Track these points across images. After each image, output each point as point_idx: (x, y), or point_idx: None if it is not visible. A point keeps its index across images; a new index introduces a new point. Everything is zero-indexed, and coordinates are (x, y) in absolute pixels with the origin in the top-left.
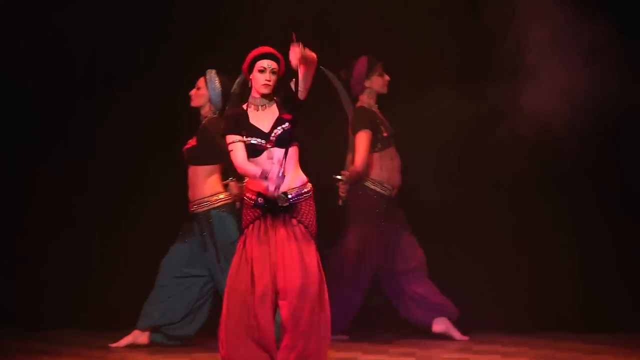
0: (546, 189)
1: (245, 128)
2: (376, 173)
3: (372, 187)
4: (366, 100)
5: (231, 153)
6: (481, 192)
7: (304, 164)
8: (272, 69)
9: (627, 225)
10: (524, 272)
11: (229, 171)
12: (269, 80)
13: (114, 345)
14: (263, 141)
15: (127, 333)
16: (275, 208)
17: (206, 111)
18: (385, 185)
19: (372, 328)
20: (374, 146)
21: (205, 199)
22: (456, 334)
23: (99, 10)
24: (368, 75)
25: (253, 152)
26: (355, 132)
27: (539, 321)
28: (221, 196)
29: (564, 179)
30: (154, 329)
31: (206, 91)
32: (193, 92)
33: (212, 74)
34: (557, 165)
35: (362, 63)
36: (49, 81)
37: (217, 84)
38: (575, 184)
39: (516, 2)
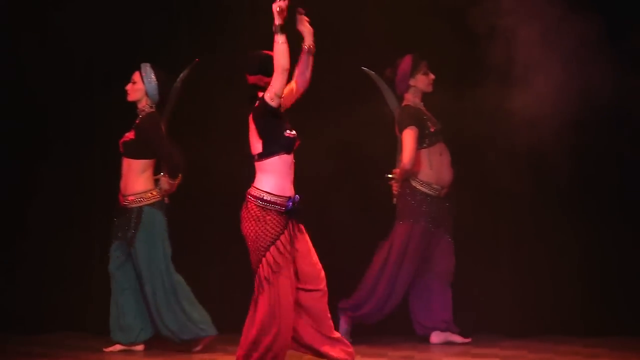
0: (546, 193)
1: None
2: (425, 171)
3: (420, 187)
4: (411, 98)
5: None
6: (482, 195)
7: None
8: None
9: (627, 230)
10: (523, 275)
11: (160, 166)
12: None
13: (109, 349)
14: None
15: None
16: (299, 211)
17: (143, 105)
18: (434, 185)
19: (372, 331)
20: (421, 143)
21: (139, 195)
22: (457, 338)
23: (99, 10)
24: (412, 73)
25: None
26: (401, 130)
27: (538, 324)
28: (154, 193)
29: (563, 183)
30: None
31: (142, 85)
32: (129, 86)
33: (147, 68)
34: (556, 170)
35: (406, 62)
36: (48, 81)
37: (153, 77)
38: (575, 189)
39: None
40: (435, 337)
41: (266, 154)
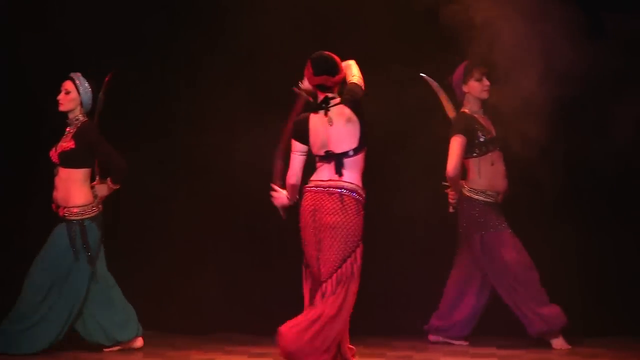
0: (544, 194)
1: None
2: (474, 179)
3: (475, 196)
4: (468, 105)
5: None
6: None
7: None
8: None
9: (625, 231)
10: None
11: (99, 173)
12: None
13: (108, 349)
14: None
15: None
16: None
17: (76, 114)
18: (489, 192)
19: (369, 330)
20: (470, 152)
21: (83, 207)
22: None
23: (99, 10)
24: (465, 80)
25: None
26: (449, 138)
27: None
28: (94, 205)
29: (560, 184)
30: None
31: (77, 94)
32: (62, 96)
33: (80, 77)
34: (554, 170)
35: (460, 68)
36: (49, 81)
37: (87, 86)
38: (572, 189)
39: None
40: (433, 336)
41: (361, 148)
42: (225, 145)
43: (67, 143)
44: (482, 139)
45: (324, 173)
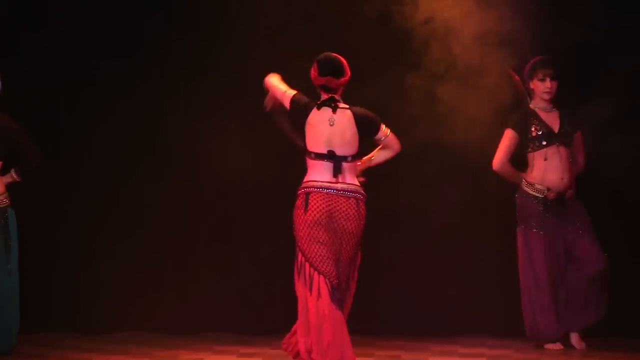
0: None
1: None
2: (528, 173)
3: (525, 188)
4: (534, 101)
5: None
6: (468, 195)
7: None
8: None
9: (617, 229)
10: (510, 275)
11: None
12: None
13: None
14: None
15: (114, 336)
16: None
17: None
18: (537, 186)
19: (358, 330)
20: (525, 146)
21: (3, 195)
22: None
23: (99, 12)
24: (530, 77)
25: None
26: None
27: (524, 325)
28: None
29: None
30: None
31: None
32: None
33: None
34: None
35: (528, 65)
36: (49, 81)
37: None
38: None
39: None
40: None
41: (358, 155)
42: (216, 146)
43: None
44: (535, 134)
45: (325, 174)
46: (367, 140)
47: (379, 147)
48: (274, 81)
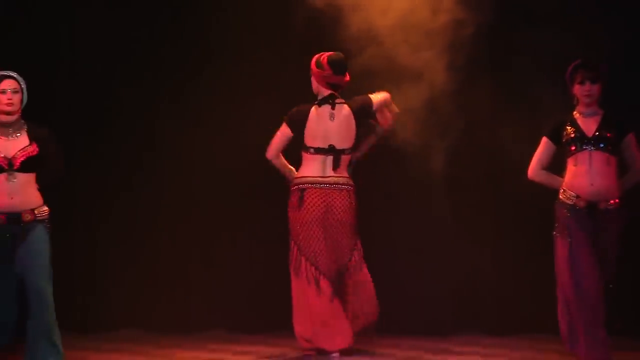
0: (528, 192)
1: None
2: (564, 180)
3: (560, 195)
4: (578, 107)
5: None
6: (464, 194)
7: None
8: None
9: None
10: (505, 275)
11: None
12: None
13: None
14: None
15: (109, 335)
16: None
17: (19, 116)
18: (568, 192)
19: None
20: (562, 152)
21: (40, 208)
22: None
23: (101, 14)
24: (571, 81)
25: None
26: None
27: (519, 323)
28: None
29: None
30: None
31: (22, 94)
32: (14, 97)
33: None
34: None
35: (569, 68)
36: (49, 83)
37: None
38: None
39: None
40: None
41: (354, 148)
42: (213, 145)
43: (29, 148)
44: (566, 139)
45: (320, 168)
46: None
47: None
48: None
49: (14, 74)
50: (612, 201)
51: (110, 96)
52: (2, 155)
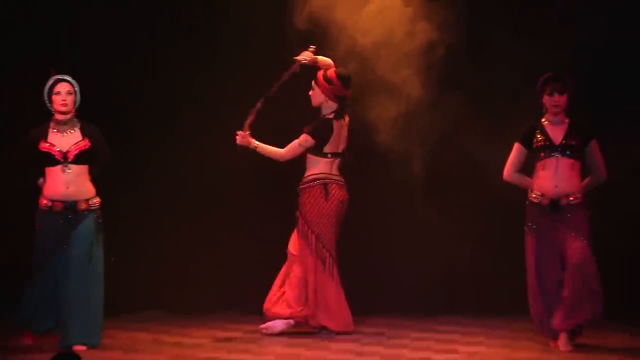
0: (497, 190)
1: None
2: (532, 182)
3: (529, 195)
4: (546, 115)
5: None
6: (443, 195)
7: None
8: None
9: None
10: (484, 264)
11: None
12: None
13: None
14: None
15: (135, 315)
16: None
17: (73, 115)
18: (535, 193)
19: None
20: (532, 156)
21: (94, 199)
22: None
23: (103, 17)
24: (540, 92)
25: None
26: None
27: (496, 306)
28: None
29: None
30: None
31: (75, 95)
32: (69, 98)
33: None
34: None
35: (538, 81)
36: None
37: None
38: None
39: None
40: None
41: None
42: (222, 142)
43: (82, 142)
44: (536, 146)
45: (332, 168)
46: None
47: None
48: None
49: (69, 78)
50: (572, 197)
51: (132, 96)
52: (58, 149)
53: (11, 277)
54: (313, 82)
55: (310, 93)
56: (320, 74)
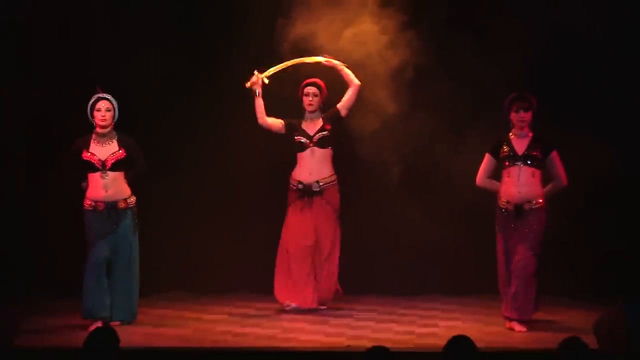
0: (464, 189)
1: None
2: (500, 188)
3: (497, 199)
4: (513, 130)
5: None
6: (422, 195)
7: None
8: (314, 92)
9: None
10: (461, 250)
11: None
12: (312, 102)
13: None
14: (307, 140)
15: (161, 295)
16: (309, 191)
17: (111, 128)
18: (503, 199)
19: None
20: (499, 166)
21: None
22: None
23: (108, 21)
24: (508, 110)
25: (299, 148)
26: None
27: (472, 286)
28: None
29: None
30: None
31: (114, 112)
32: (104, 114)
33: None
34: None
35: (506, 100)
36: (53, 89)
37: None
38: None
39: None
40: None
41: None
42: (240, 142)
43: (118, 152)
44: (502, 156)
45: None
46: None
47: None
48: None
49: (109, 96)
50: (534, 201)
51: (163, 101)
52: (98, 157)
53: (69, 268)
54: (316, 89)
55: (313, 99)
56: (322, 85)
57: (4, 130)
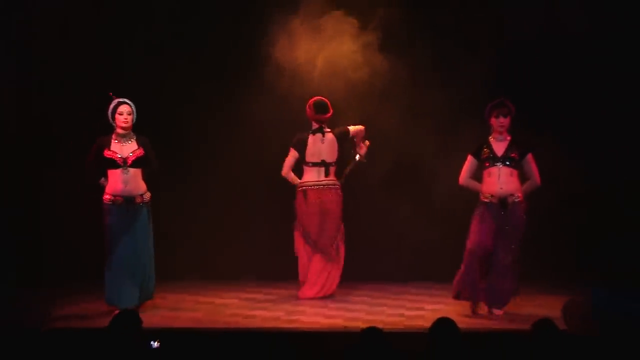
0: (449, 188)
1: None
2: (482, 184)
3: (481, 197)
4: (493, 134)
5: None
6: (413, 183)
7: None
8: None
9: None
10: (448, 242)
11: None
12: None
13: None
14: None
15: (177, 282)
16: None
17: (131, 129)
18: (485, 194)
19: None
20: (480, 166)
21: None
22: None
23: (109, 22)
24: (489, 115)
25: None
26: None
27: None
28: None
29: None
30: None
31: (133, 115)
32: (126, 117)
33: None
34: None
35: (487, 107)
36: (55, 91)
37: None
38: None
39: None
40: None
41: (337, 161)
42: (252, 143)
43: (137, 150)
44: (483, 157)
45: (315, 174)
46: (347, 143)
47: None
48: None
49: (129, 101)
50: (515, 195)
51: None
52: (119, 155)
53: (91, 258)
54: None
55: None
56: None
57: (4, 130)
